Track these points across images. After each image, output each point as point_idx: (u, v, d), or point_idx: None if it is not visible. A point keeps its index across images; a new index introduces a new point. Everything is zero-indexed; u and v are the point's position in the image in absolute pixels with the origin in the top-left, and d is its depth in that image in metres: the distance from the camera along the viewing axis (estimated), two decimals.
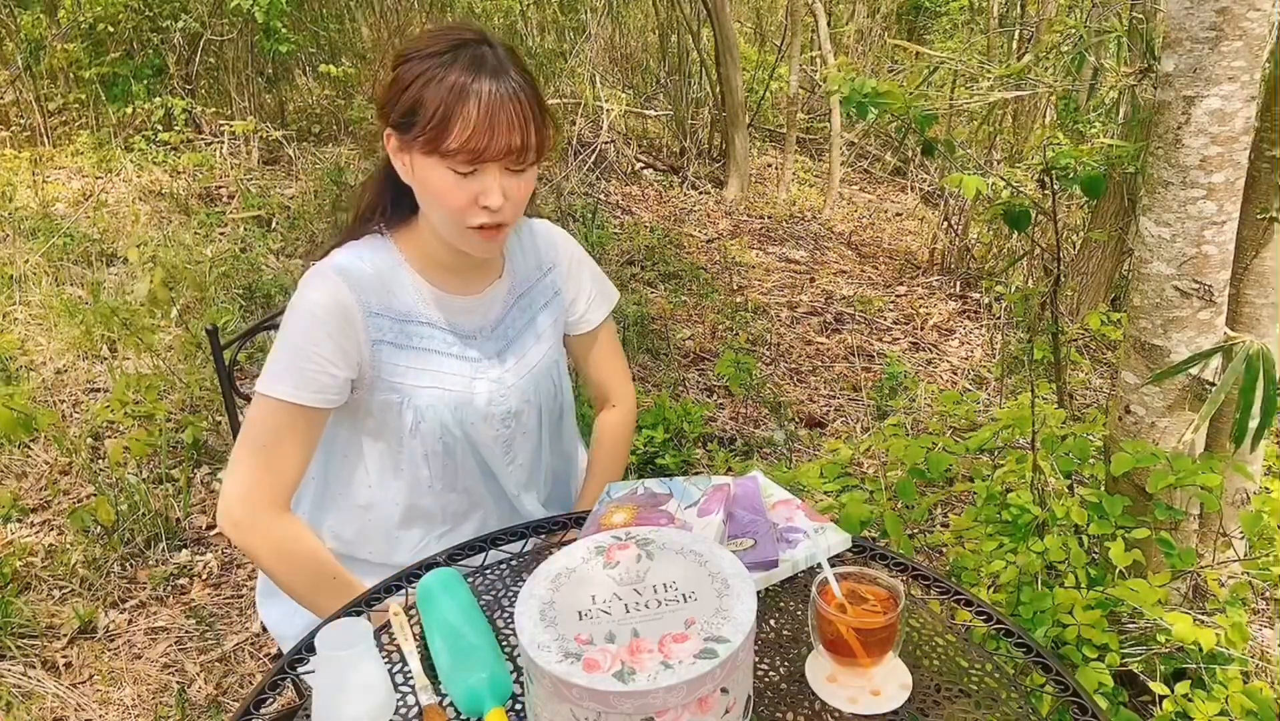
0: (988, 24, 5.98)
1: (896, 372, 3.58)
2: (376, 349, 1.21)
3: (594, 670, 0.80)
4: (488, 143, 1.10)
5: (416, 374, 1.24)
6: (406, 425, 1.24)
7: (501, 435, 1.32)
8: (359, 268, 1.21)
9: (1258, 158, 1.75)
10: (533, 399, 1.34)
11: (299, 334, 1.18)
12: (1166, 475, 1.60)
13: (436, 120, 1.09)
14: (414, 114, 1.11)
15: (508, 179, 1.14)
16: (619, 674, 0.80)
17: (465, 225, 1.16)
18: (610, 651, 0.82)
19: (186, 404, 3.06)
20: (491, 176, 1.13)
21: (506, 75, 1.11)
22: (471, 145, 1.09)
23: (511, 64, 1.13)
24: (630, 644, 0.83)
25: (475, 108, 1.09)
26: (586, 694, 0.79)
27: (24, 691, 2.03)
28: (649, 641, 0.83)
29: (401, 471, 1.28)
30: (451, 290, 1.27)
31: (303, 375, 1.17)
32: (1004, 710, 0.94)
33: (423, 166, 1.14)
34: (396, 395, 1.23)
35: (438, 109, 1.09)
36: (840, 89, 2.03)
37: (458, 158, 1.10)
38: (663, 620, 0.86)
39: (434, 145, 1.10)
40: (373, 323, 1.21)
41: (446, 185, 1.13)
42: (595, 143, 5.77)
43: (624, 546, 0.97)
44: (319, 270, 1.21)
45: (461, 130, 1.09)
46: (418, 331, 1.24)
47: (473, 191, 1.13)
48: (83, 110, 5.42)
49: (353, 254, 1.23)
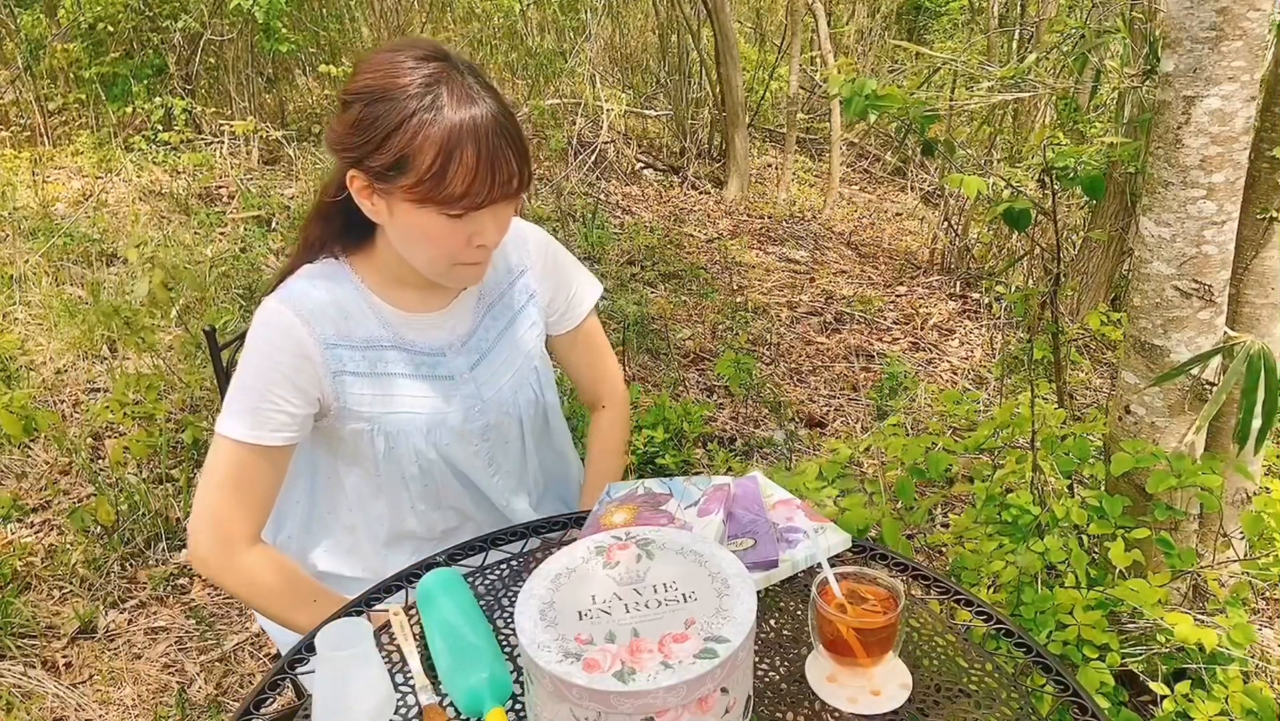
0: (988, 24, 5.98)
1: (896, 372, 3.58)
2: (338, 381, 1.16)
3: (594, 670, 0.80)
4: (489, 188, 1.04)
5: (384, 400, 1.20)
6: (379, 451, 1.21)
7: (480, 450, 1.28)
8: (314, 297, 1.16)
9: (1258, 157, 1.75)
10: (512, 410, 1.30)
11: (251, 374, 1.13)
12: (1167, 475, 1.60)
13: (432, 174, 1.02)
14: (402, 167, 1.03)
15: (500, 209, 1.10)
16: (619, 674, 0.80)
17: (454, 264, 1.12)
18: (610, 651, 0.82)
19: (186, 404, 3.06)
20: (487, 216, 1.08)
21: (485, 102, 1.04)
22: (473, 192, 1.04)
23: (483, 87, 1.06)
24: (630, 643, 0.83)
25: (473, 155, 1.02)
26: (586, 694, 0.79)
27: (24, 691, 2.03)
28: (649, 641, 0.83)
29: (381, 494, 1.26)
30: (414, 309, 1.22)
31: (259, 415, 1.12)
32: (1004, 710, 0.94)
33: (406, 213, 1.07)
34: (366, 424, 1.20)
35: (434, 162, 1.02)
36: (841, 91, 2.03)
37: (457, 204, 1.04)
38: (663, 620, 0.86)
39: (428, 196, 1.04)
40: (331, 355, 1.16)
41: (438, 231, 1.07)
42: (595, 143, 5.76)
43: (624, 546, 0.97)
44: (270, 305, 1.15)
45: (462, 180, 1.02)
46: (381, 357, 1.19)
47: (466, 233, 1.08)
48: (83, 110, 5.42)
49: (307, 283, 1.17)
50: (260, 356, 1.13)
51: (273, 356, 1.13)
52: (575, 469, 1.51)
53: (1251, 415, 1.63)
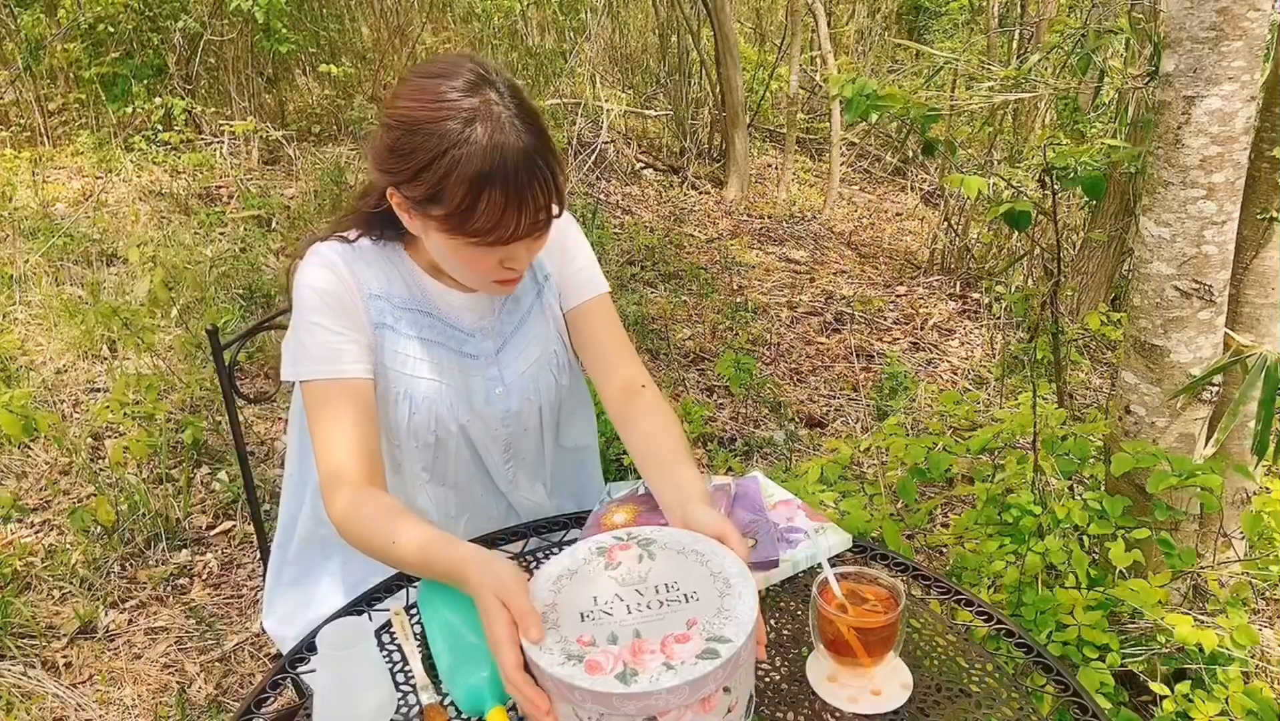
0: (987, 24, 5.97)
1: (896, 372, 3.58)
2: (379, 332, 1.19)
3: (596, 672, 0.80)
4: (516, 225, 1.05)
5: (416, 363, 1.21)
6: (403, 418, 1.22)
7: (500, 435, 1.30)
8: (356, 254, 1.19)
9: (1258, 157, 1.75)
10: (533, 397, 1.31)
11: (312, 306, 1.15)
12: (1167, 476, 1.60)
13: (461, 211, 1.04)
14: (434, 200, 1.05)
15: (533, 240, 1.11)
16: (621, 675, 0.80)
17: (487, 280, 1.14)
18: (612, 652, 0.82)
19: (186, 404, 3.06)
20: (518, 245, 1.09)
21: (521, 138, 1.04)
22: (501, 228, 1.05)
23: (524, 119, 1.05)
24: (632, 644, 0.83)
25: (501, 195, 1.03)
26: (589, 696, 0.79)
27: (24, 691, 2.03)
28: (651, 642, 0.83)
29: (400, 470, 1.27)
30: (452, 286, 1.25)
31: (327, 349, 1.14)
32: (1004, 710, 0.94)
33: (439, 239, 1.09)
34: (394, 385, 1.21)
35: (463, 200, 1.03)
36: (842, 91, 2.03)
37: (487, 240, 1.06)
38: (664, 620, 0.86)
39: (456, 226, 1.05)
40: (373, 305, 1.18)
41: (469, 256, 1.09)
42: (595, 143, 5.77)
43: (625, 546, 0.97)
44: (313, 258, 1.18)
45: (489, 218, 1.04)
46: (417, 321, 1.22)
47: (497, 258, 1.10)
48: (83, 110, 5.42)
49: (349, 245, 1.20)
50: (315, 293, 1.15)
51: (327, 290, 1.15)
52: (591, 472, 1.49)
53: (1268, 427, 1.62)
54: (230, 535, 2.58)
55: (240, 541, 2.55)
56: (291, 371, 1.16)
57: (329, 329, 1.15)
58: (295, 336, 1.16)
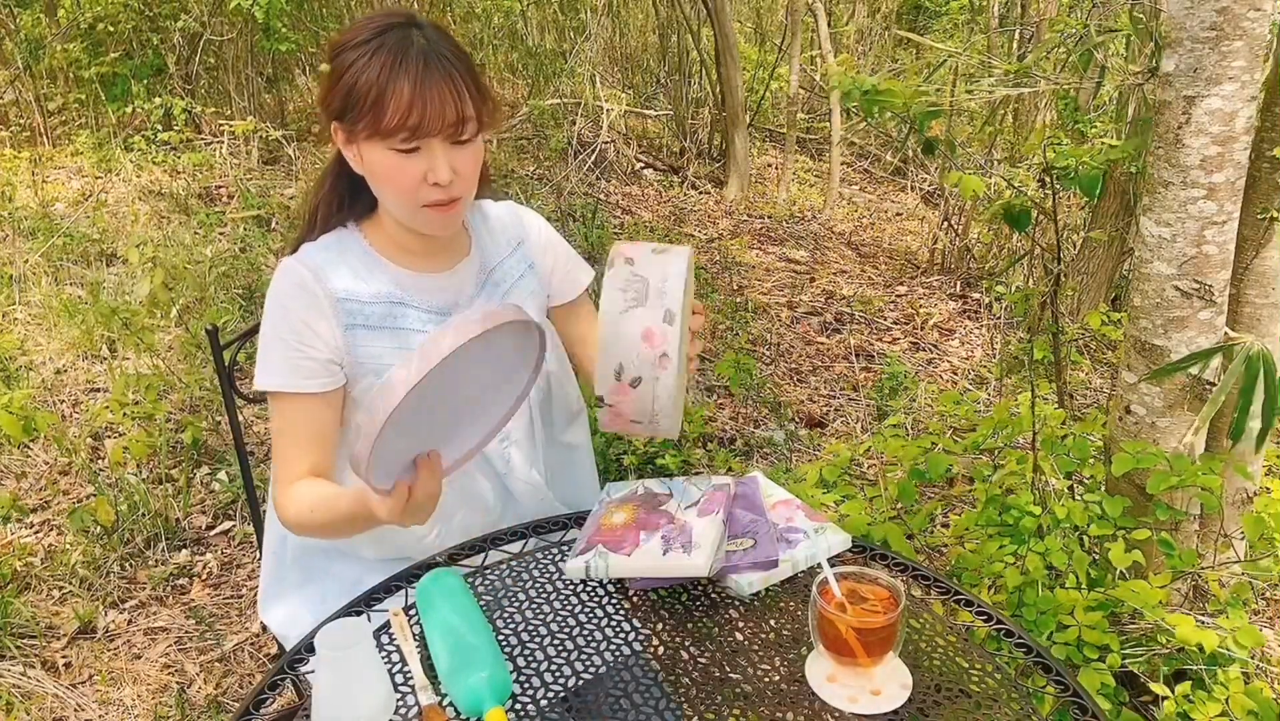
0: (988, 24, 5.97)
1: (897, 372, 3.58)
2: (350, 334, 1.22)
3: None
4: (423, 116, 1.11)
5: (395, 353, 1.24)
6: None
7: None
8: (324, 256, 1.23)
9: (1258, 157, 1.75)
10: None
11: (273, 326, 1.20)
12: (1167, 476, 1.60)
13: (371, 102, 1.11)
14: (350, 101, 1.13)
15: (453, 153, 1.15)
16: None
17: (419, 205, 1.17)
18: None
19: (186, 404, 3.06)
20: (436, 152, 1.14)
21: (435, 51, 1.13)
22: (409, 121, 1.11)
23: (442, 41, 1.15)
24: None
25: (406, 83, 1.10)
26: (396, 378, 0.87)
27: (24, 691, 2.03)
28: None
29: None
30: (420, 270, 1.28)
31: (289, 364, 1.19)
32: (1005, 711, 0.94)
33: (368, 152, 1.16)
34: (376, 378, 1.23)
35: (370, 91, 1.11)
36: (840, 85, 2.03)
37: (398, 135, 1.11)
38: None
39: (374, 127, 1.12)
40: (342, 308, 1.21)
41: (392, 166, 1.14)
42: (595, 143, 5.76)
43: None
44: (283, 264, 1.24)
45: (396, 106, 1.10)
46: (391, 312, 1.25)
47: (419, 169, 1.14)
48: (82, 110, 5.42)
49: (318, 246, 1.25)
50: (280, 309, 1.20)
51: (289, 307, 1.20)
52: (586, 471, 1.50)
53: (1247, 413, 1.63)
54: (230, 535, 2.58)
55: (240, 541, 2.55)
56: (257, 380, 1.21)
57: (290, 344, 1.19)
58: (261, 346, 1.22)
